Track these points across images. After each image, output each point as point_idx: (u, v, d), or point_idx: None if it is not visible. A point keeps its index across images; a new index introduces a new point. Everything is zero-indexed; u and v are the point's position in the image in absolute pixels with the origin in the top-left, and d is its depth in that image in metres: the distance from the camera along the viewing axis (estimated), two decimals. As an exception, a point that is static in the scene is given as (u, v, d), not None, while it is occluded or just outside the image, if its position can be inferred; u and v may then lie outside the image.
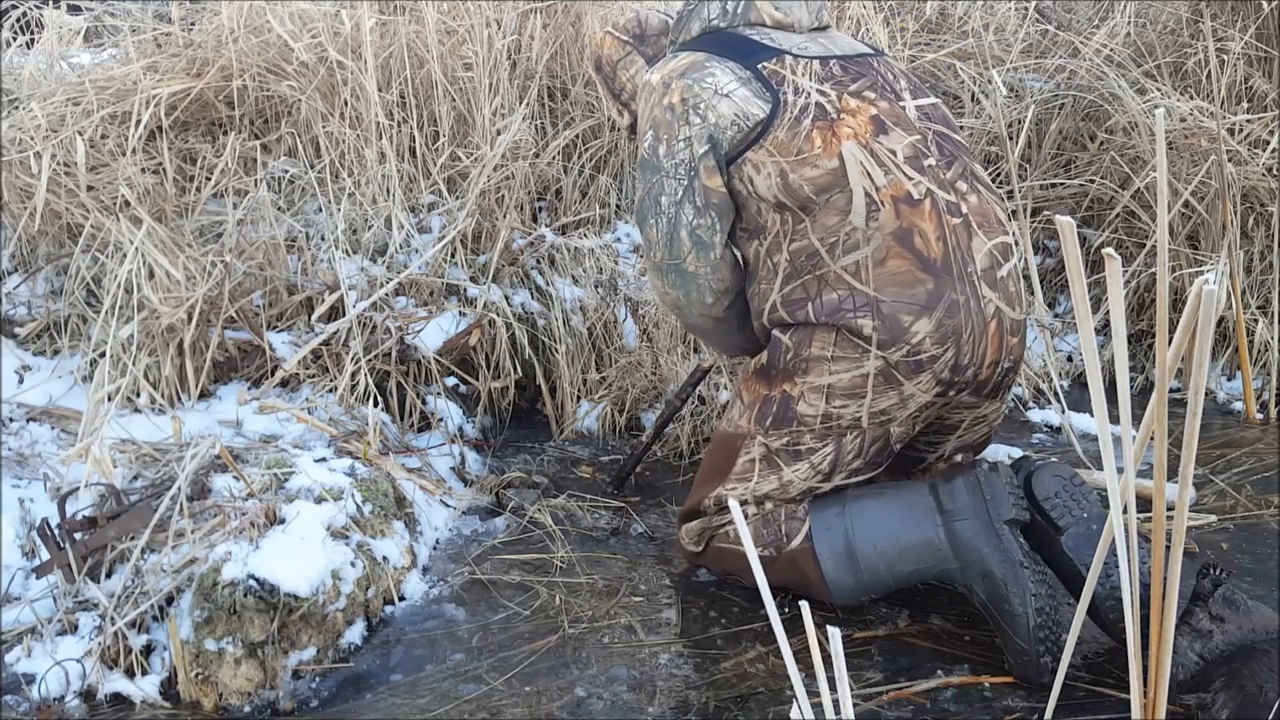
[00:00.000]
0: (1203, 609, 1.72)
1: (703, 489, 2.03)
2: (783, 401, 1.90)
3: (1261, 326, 3.01)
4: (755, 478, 1.95)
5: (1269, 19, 3.42)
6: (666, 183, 1.91)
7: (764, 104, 1.86)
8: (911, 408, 1.87)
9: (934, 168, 1.88)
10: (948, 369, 1.83)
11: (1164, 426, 1.11)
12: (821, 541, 1.88)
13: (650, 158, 1.93)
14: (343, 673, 1.82)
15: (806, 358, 1.86)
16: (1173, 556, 1.15)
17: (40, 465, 2.07)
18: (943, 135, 1.95)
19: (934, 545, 1.82)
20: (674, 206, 1.91)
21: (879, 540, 1.86)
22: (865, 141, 1.85)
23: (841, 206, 1.83)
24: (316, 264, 2.65)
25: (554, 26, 3.44)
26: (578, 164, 3.30)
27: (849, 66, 1.94)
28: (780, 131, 1.85)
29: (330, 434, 2.28)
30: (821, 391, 1.86)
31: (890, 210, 1.82)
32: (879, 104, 1.90)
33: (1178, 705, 1.60)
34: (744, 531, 1.05)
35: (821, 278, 1.85)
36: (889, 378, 1.83)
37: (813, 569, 1.89)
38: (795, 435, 1.90)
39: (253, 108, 2.90)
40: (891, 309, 1.80)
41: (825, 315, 1.84)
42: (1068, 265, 1.07)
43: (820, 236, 1.84)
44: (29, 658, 1.76)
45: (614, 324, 2.95)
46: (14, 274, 2.49)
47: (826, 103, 1.87)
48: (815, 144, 1.84)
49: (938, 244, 1.82)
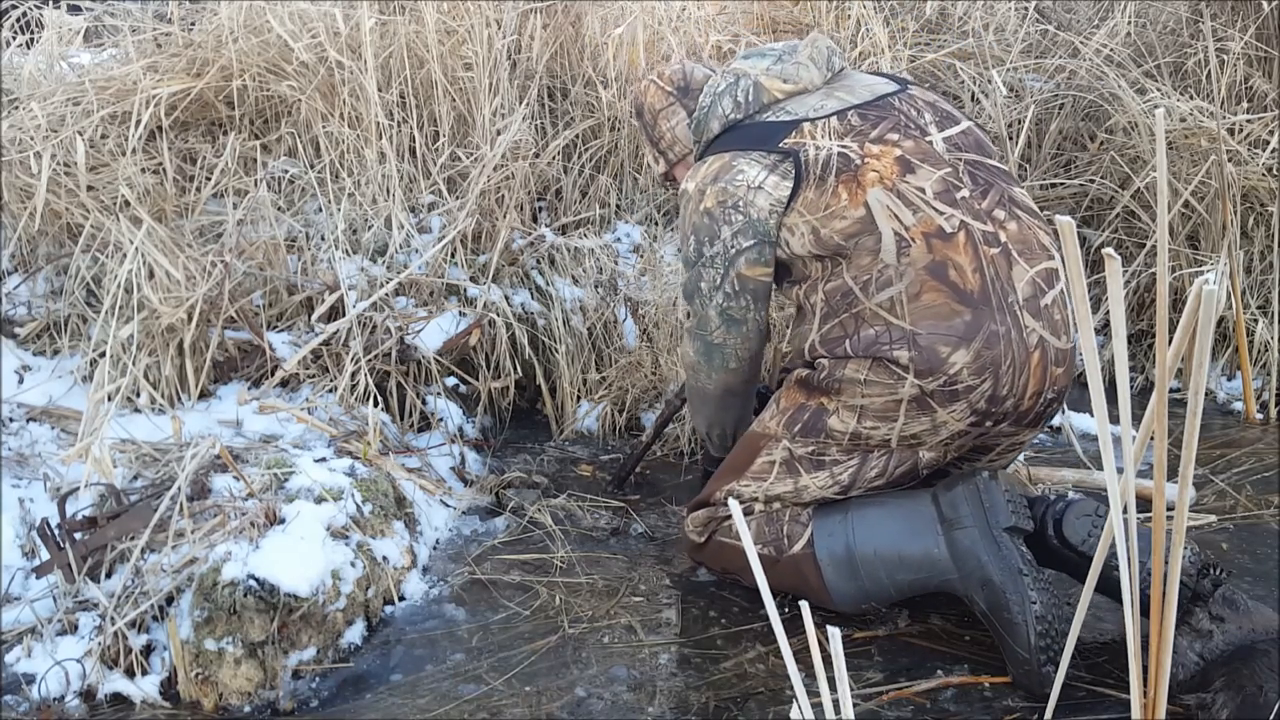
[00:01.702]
0: (1203, 609, 1.72)
1: (717, 482, 2.05)
2: (816, 412, 1.91)
3: (1261, 326, 3.00)
4: (771, 478, 1.96)
5: (1269, 19, 3.42)
6: (705, 272, 1.98)
7: (789, 175, 1.89)
8: (943, 435, 1.86)
9: (968, 199, 1.87)
10: (984, 399, 1.82)
11: (1164, 426, 1.11)
12: (823, 547, 1.89)
13: (692, 256, 2.00)
14: (343, 673, 1.82)
15: (840, 378, 1.86)
16: (1173, 557, 1.14)
17: (40, 465, 2.07)
18: (975, 164, 1.93)
19: (934, 556, 1.82)
20: (712, 291, 1.98)
21: (880, 547, 1.86)
22: (892, 184, 1.85)
23: (872, 247, 1.83)
24: (316, 264, 2.65)
25: (554, 26, 3.44)
26: (578, 164, 3.30)
27: (867, 114, 1.95)
28: (809, 192, 1.87)
29: (330, 434, 2.28)
30: (855, 411, 1.87)
31: (922, 245, 1.82)
32: (904, 144, 1.90)
33: (1178, 705, 1.60)
34: (744, 530, 1.05)
35: (858, 315, 1.85)
36: (922, 405, 1.82)
37: (814, 574, 1.89)
38: (821, 446, 1.91)
39: (253, 108, 2.90)
40: (929, 340, 1.79)
41: (862, 350, 1.84)
42: (1068, 265, 1.07)
43: (854, 275, 1.85)
44: (29, 658, 1.76)
45: (614, 324, 2.95)
46: (14, 274, 2.49)
47: (850, 154, 1.88)
48: (842, 198, 1.85)
49: (974, 275, 1.81)
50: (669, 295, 2.90)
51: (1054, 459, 2.62)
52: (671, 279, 2.95)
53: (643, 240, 3.22)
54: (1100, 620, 1.88)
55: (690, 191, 2.00)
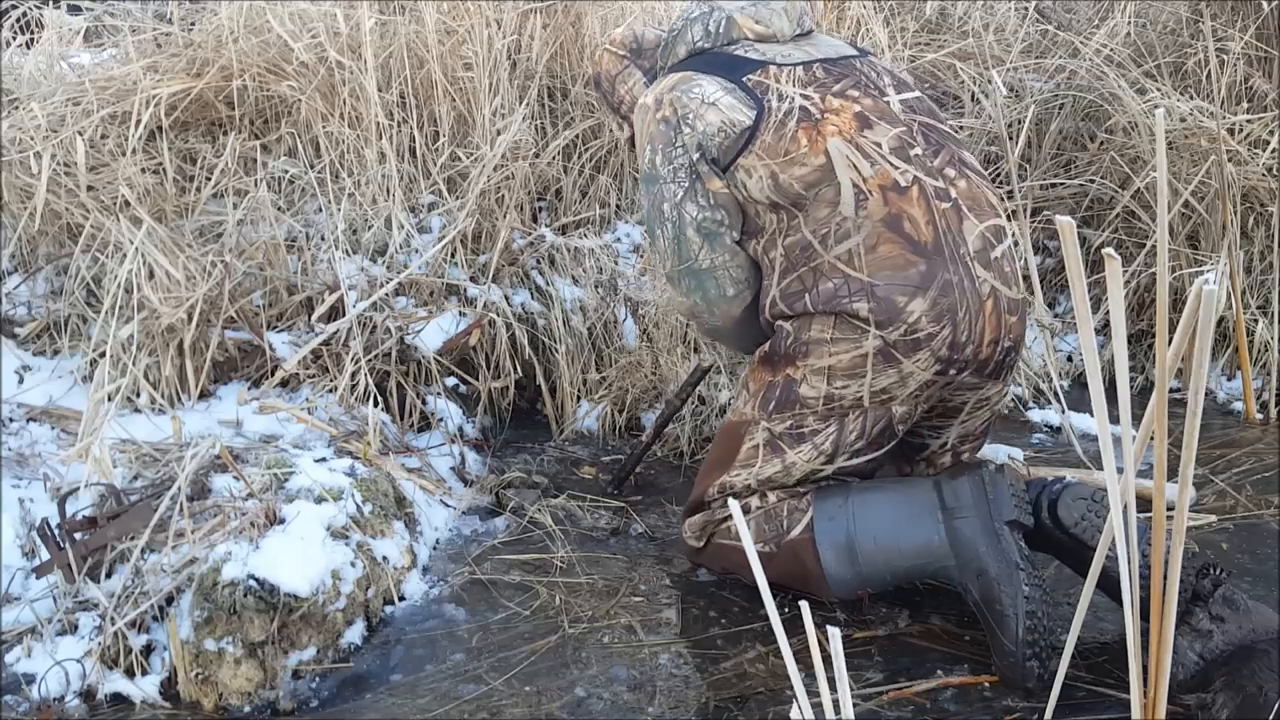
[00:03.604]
0: (1203, 609, 1.72)
1: (706, 480, 2.05)
2: (785, 385, 1.93)
3: (1261, 326, 3.00)
4: (759, 463, 1.96)
5: (1269, 19, 3.42)
6: (666, 189, 1.97)
7: (749, 110, 1.92)
8: (912, 386, 1.89)
9: (920, 156, 1.93)
10: (945, 346, 1.85)
11: (1164, 426, 1.11)
12: (823, 532, 1.89)
13: (650, 170, 2.00)
14: (343, 673, 1.82)
15: (806, 341, 1.90)
16: (1173, 556, 1.14)
17: (40, 465, 2.07)
18: (928, 125, 2.00)
19: (933, 543, 1.83)
20: (676, 210, 1.97)
21: (879, 534, 1.86)
22: (850, 137, 1.90)
23: (830, 199, 1.87)
24: (316, 264, 2.65)
25: (554, 26, 3.44)
26: (578, 164, 3.30)
27: (831, 69, 2.00)
28: (767, 135, 1.90)
29: (330, 434, 2.28)
30: (823, 373, 1.89)
31: (878, 198, 1.87)
32: (863, 101, 1.95)
33: (1178, 705, 1.60)
34: (743, 530, 1.05)
35: (816, 269, 1.89)
36: (888, 356, 1.86)
37: (811, 560, 1.89)
38: (798, 418, 1.93)
39: (253, 108, 2.90)
40: (886, 291, 1.84)
41: (822, 304, 1.88)
42: (1068, 265, 1.07)
43: (812, 229, 1.89)
44: (29, 658, 1.76)
45: (614, 324, 2.95)
46: (14, 274, 2.49)
47: (810, 105, 1.93)
48: (801, 144, 1.89)
49: (927, 228, 1.86)
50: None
51: (1054, 459, 2.62)
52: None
53: (643, 240, 3.22)
54: (1100, 620, 1.88)
55: (648, 103, 2.01)
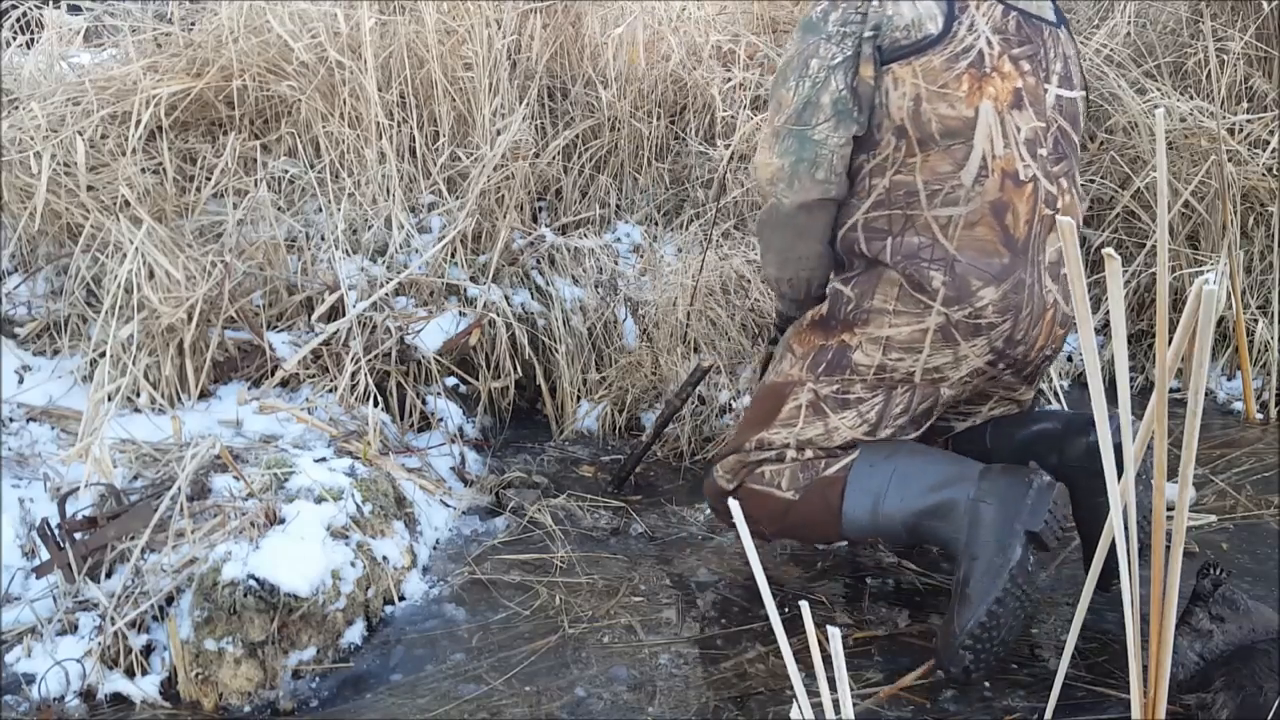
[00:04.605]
0: (1203, 609, 1.72)
1: (745, 434, 2.01)
2: (839, 350, 1.91)
3: (1261, 326, 3.00)
4: (800, 423, 1.94)
5: (1269, 19, 3.42)
6: (825, 46, 1.86)
7: (937, 23, 1.83)
8: (964, 370, 1.89)
9: (1045, 158, 1.89)
10: (1002, 339, 1.86)
11: (1164, 426, 1.11)
12: (859, 475, 1.88)
13: (816, 20, 1.87)
14: (343, 673, 1.82)
15: (868, 309, 1.88)
16: (1173, 556, 1.14)
17: (40, 465, 2.07)
18: (1063, 132, 1.94)
19: (958, 510, 1.81)
20: (825, 71, 1.85)
21: (908, 494, 1.85)
22: (1000, 109, 1.84)
23: (957, 158, 1.83)
24: (316, 264, 2.65)
25: (554, 26, 3.44)
26: (578, 164, 3.30)
27: (1023, 27, 1.90)
28: (937, 58, 1.82)
29: (330, 434, 2.28)
30: (879, 343, 1.88)
31: (996, 180, 1.84)
32: (1027, 79, 1.88)
33: (1178, 705, 1.60)
34: (744, 531, 1.05)
35: (910, 219, 1.85)
36: (947, 335, 1.85)
37: (835, 497, 1.89)
38: (846, 383, 1.91)
39: (253, 108, 2.90)
40: (964, 270, 1.82)
41: (900, 256, 1.85)
42: (1068, 265, 1.07)
43: (925, 179, 1.84)
44: (29, 658, 1.76)
45: (614, 324, 2.95)
46: (14, 274, 2.49)
47: (988, 54, 1.85)
48: (962, 86, 1.82)
49: (1024, 226, 1.85)
50: (669, 295, 2.90)
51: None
52: (671, 279, 2.95)
53: (643, 240, 3.22)
54: (1100, 620, 1.88)
55: None
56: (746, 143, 3.23)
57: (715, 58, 3.58)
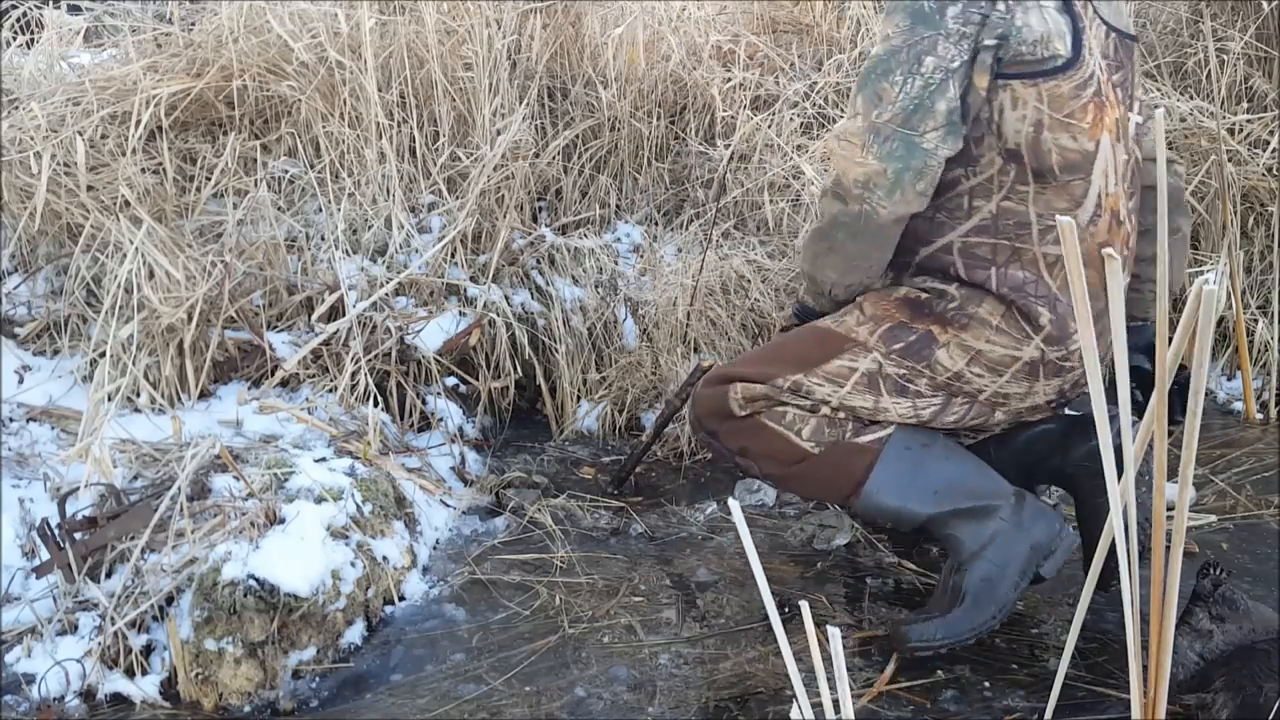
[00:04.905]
0: (1203, 609, 1.72)
1: (777, 367, 1.85)
2: (924, 338, 1.79)
3: (1261, 326, 3.00)
4: (849, 387, 1.81)
5: (1269, 19, 3.42)
6: (944, 45, 1.65)
7: (1067, 47, 1.67)
8: (1028, 404, 1.84)
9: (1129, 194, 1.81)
10: (1071, 383, 1.82)
11: (1164, 426, 1.11)
12: (892, 455, 1.81)
13: (931, 11, 1.66)
14: (343, 673, 1.82)
15: (970, 315, 1.76)
16: (1173, 556, 1.14)
17: (40, 465, 2.07)
18: (1139, 165, 1.84)
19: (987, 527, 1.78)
20: (942, 74, 1.65)
21: (941, 487, 1.81)
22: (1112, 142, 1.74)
23: (1075, 195, 1.71)
24: (316, 264, 2.65)
25: (554, 26, 3.44)
26: (578, 164, 3.30)
27: (1119, 49, 1.77)
28: (1065, 84, 1.67)
29: (330, 434, 2.28)
30: (969, 352, 1.78)
31: (1106, 221, 1.75)
32: (1119, 107, 1.76)
33: (1178, 705, 1.60)
34: (743, 531, 1.05)
35: (1018, 251, 1.73)
36: (1033, 370, 1.78)
37: (861, 468, 1.82)
38: (915, 374, 1.80)
39: (253, 108, 2.90)
40: (1065, 311, 1.73)
41: (1006, 288, 1.74)
42: (1068, 265, 1.07)
43: (1039, 213, 1.71)
44: (29, 658, 1.76)
45: (614, 324, 2.95)
46: (14, 274, 2.49)
47: (1102, 80, 1.72)
48: (1087, 117, 1.69)
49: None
50: (669, 295, 2.90)
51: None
52: (671, 279, 2.94)
53: (643, 240, 3.22)
54: (1100, 620, 1.88)
55: None
56: (746, 142, 3.23)
57: (715, 58, 3.57)
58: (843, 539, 2.23)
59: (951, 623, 1.77)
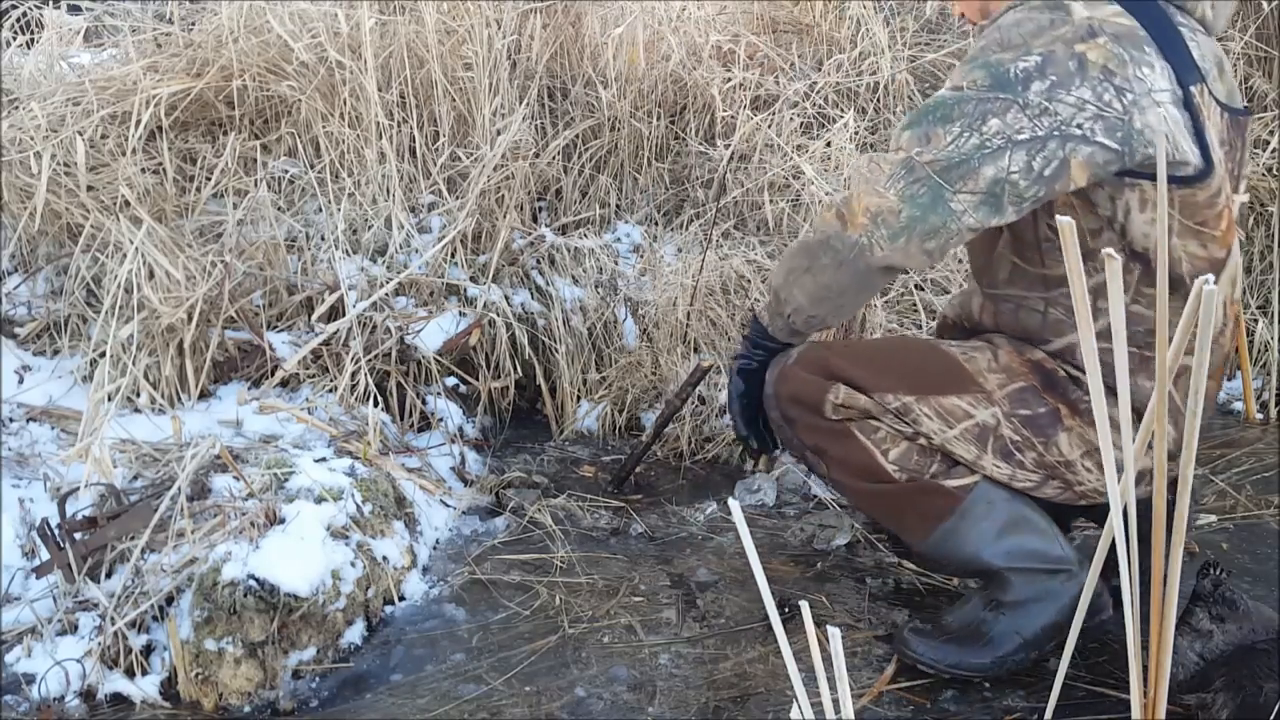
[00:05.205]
0: (1203, 609, 1.72)
1: (891, 380, 1.71)
2: (1051, 415, 1.67)
3: (1261, 326, 3.00)
4: (958, 431, 1.68)
5: (1269, 19, 3.42)
6: (1015, 114, 1.50)
7: (1195, 154, 1.53)
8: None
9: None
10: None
11: (1164, 427, 1.11)
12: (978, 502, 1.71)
13: (1014, 78, 1.50)
14: (343, 673, 1.82)
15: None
16: (1173, 556, 1.14)
17: (40, 465, 2.07)
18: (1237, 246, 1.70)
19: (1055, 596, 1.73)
20: (1002, 140, 1.50)
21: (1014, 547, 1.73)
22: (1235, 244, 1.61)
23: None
24: (316, 264, 2.65)
25: (554, 26, 3.44)
26: (578, 164, 3.30)
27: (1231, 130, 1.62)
28: (1200, 194, 1.55)
29: (330, 434, 2.28)
30: (1087, 446, 1.67)
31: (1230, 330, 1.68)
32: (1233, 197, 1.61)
33: (1178, 705, 1.60)
34: (745, 535, 1.05)
35: (1146, 360, 1.61)
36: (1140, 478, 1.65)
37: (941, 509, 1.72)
38: (1026, 445, 1.68)
39: (253, 108, 2.90)
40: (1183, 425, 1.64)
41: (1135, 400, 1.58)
42: (1068, 265, 1.06)
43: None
44: (29, 658, 1.76)
45: (614, 324, 2.95)
46: (14, 274, 2.49)
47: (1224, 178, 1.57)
48: (1220, 224, 1.57)
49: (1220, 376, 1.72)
50: (669, 295, 2.90)
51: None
52: (671, 279, 2.94)
53: (643, 240, 3.22)
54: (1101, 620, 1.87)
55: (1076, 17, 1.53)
56: (746, 142, 3.23)
57: (715, 58, 3.57)
58: (843, 539, 2.23)
59: (964, 656, 1.74)
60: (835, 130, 3.20)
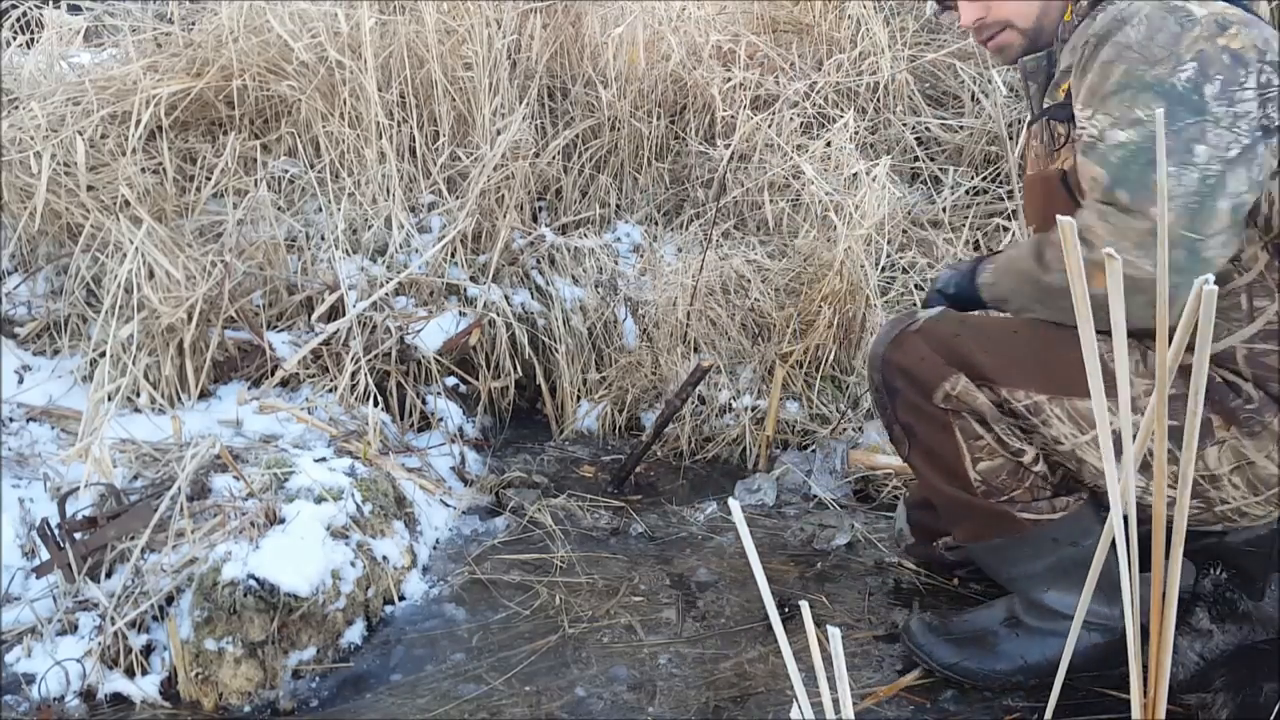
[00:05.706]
0: (1203, 609, 1.72)
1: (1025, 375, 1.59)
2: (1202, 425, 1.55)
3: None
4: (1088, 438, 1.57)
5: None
6: (1214, 131, 1.41)
7: None
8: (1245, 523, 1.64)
9: None
10: None
11: (1164, 426, 1.11)
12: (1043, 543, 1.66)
13: (1185, 92, 1.42)
14: (343, 673, 1.82)
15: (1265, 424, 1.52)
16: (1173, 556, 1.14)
17: (40, 465, 2.07)
18: None
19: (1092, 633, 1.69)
20: (1219, 164, 1.41)
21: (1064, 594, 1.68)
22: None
23: None
24: (316, 264, 2.65)
25: (554, 26, 3.44)
26: (578, 164, 3.30)
27: None
28: None
29: (330, 434, 2.28)
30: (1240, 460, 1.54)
31: None
32: None
33: (1178, 705, 1.60)
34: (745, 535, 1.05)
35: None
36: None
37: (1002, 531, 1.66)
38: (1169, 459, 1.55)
39: (253, 108, 2.90)
40: None
41: None
42: (1068, 265, 1.06)
43: None
44: (29, 658, 1.76)
45: (614, 324, 2.95)
46: (14, 274, 2.49)
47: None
48: None
49: None
50: (669, 295, 2.90)
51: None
52: (671, 279, 2.95)
53: (643, 240, 3.22)
54: (1100, 620, 1.87)
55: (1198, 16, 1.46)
56: (746, 142, 3.23)
57: (715, 58, 3.58)
58: (843, 539, 2.23)
59: (961, 658, 1.74)
60: (835, 130, 3.20)
